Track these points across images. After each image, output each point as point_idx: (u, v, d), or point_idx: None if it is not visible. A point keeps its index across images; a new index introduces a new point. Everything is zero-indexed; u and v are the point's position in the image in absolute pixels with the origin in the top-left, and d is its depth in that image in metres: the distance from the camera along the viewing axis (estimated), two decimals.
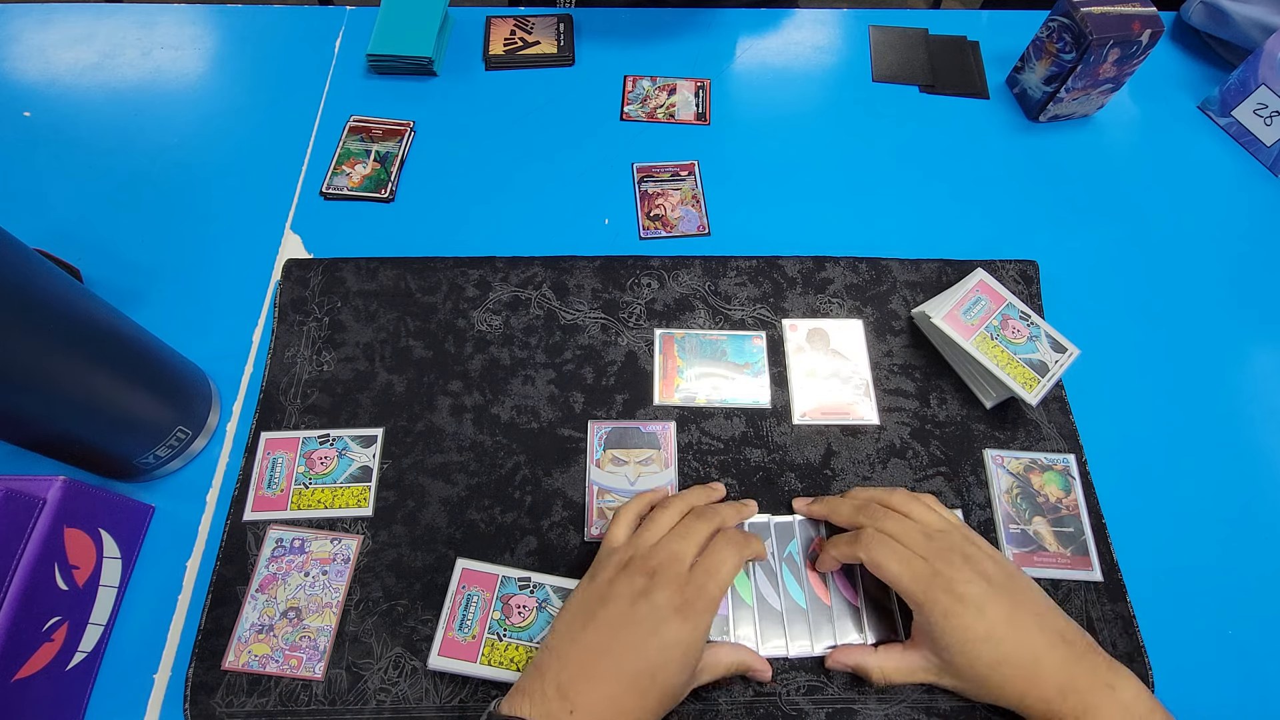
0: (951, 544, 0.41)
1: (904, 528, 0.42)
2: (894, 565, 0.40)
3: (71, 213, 0.61)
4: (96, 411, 0.41)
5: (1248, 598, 0.48)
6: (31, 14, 0.73)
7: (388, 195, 0.62)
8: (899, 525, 0.42)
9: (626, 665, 0.37)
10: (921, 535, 0.42)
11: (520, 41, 0.72)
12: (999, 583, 0.40)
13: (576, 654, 0.37)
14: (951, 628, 0.39)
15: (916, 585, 0.40)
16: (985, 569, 0.40)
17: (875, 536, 0.42)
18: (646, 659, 0.37)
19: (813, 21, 0.76)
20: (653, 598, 0.38)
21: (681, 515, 0.44)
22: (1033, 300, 0.58)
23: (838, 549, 0.44)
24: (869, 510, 0.44)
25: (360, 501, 0.48)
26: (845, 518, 0.45)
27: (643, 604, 0.38)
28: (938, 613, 0.39)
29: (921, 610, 0.40)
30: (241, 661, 0.43)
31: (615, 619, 0.38)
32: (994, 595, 0.39)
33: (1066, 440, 0.52)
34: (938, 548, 0.41)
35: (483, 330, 0.55)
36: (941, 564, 0.40)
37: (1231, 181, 0.66)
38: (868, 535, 0.42)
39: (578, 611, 0.40)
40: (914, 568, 0.40)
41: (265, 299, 0.57)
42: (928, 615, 0.39)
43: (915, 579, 0.40)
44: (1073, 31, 0.62)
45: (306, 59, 0.71)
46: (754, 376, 0.54)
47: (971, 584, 0.39)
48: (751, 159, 0.66)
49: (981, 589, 0.39)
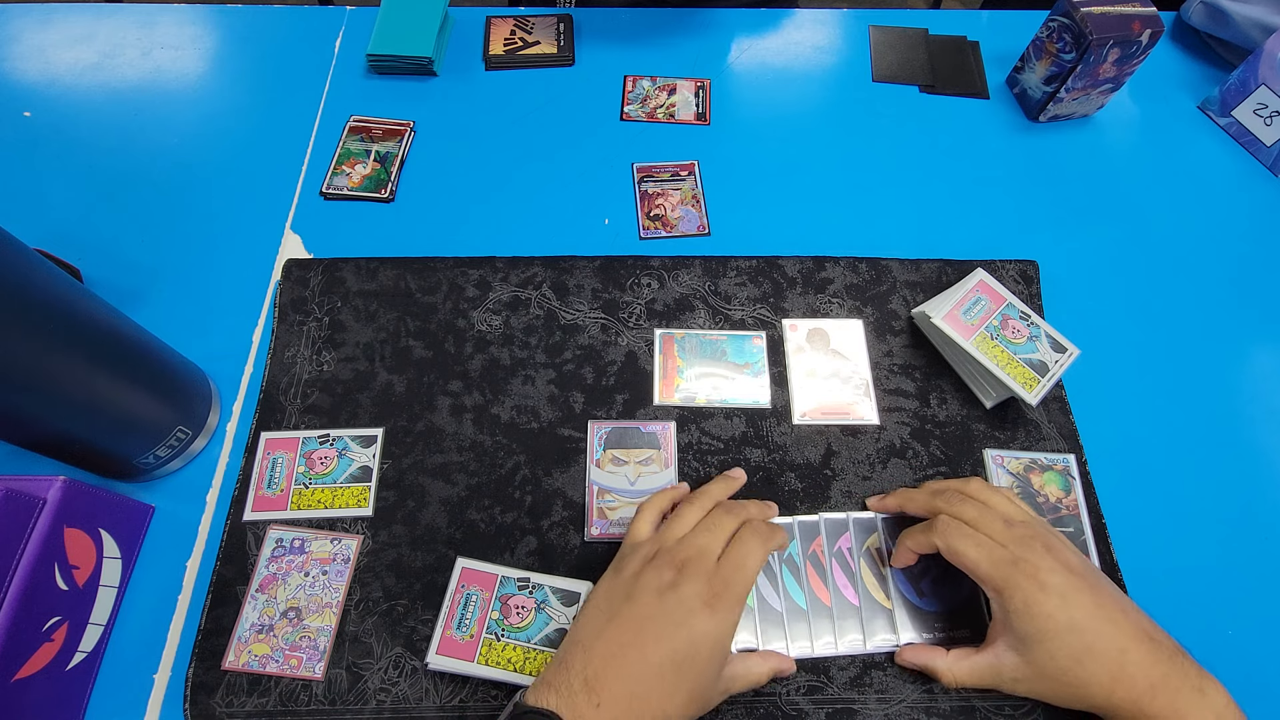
0: (1033, 533, 0.40)
1: (982, 514, 0.41)
2: (971, 550, 0.39)
3: (71, 213, 0.61)
4: (96, 411, 0.41)
5: (1248, 598, 0.48)
6: (31, 14, 0.73)
7: (388, 195, 0.62)
8: (977, 511, 0.41)
9: (653, 658, 0.36)
10: (1001, 523, 0.41)
11: (520, 41, 0.72)
12: (1082, 573, 0.39)
13: (602, 647, 0.37)
14: (1034, 616, 0.37)
15: (996, 571, 0.39)
16: (1068, 559, 0.39)
17: (951, 523, 0.41)
18: (674, 652, 0.36)
19: (813, 21, 0.76)
20: (680, 590, 0.38)
21: (706, 510, 0.43)
22: (1033, 300, 0.58)
23: (912, 539, 0.43)
24: (945, 496, 0.43)
25: (360, 501, 0.48)
26: (921, 505, 0.44)
27: (670, 596, 0.38)
28: (1019, 600, 0.38)
29: (1001, 596, 0.39)
30: (241, 661, 0.43)
31: (642, 612, 0.38)
32: (1078, 584, 0.38)
33: (1066, 440, 0.52)
34: (1018, 535, 0.40)
35: (483, 330, 0.55)
36: (1022, 551, 0.39)
37: (1231, 181, 0.66)
38: (943, 522, 0.41)
39: (603, 605, 0.39)
40: (993, 553, 0.39)
41: (265, 299, 0.57)
42: (1008, 602, 0.38)
43: (995, 564, 0.39)
44: (1073, 31, 0.62)
45: (306, 59, 0.71)
46: (754, 376, 0.54)
47: (1055, 572, 0.38)
48: (751, 159, 0.66)
49: (1065, 578, 0.38)
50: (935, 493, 0.44)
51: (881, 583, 0.46)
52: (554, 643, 0.43)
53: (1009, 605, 0.38)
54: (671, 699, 0.36)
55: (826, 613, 0.45)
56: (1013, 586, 0.38)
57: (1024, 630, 0.38)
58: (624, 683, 0.36)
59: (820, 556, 0.47)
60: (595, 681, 0.35)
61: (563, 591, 0.45)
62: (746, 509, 0.44)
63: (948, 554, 0.40)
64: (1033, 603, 0.38)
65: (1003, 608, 0.39)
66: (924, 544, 0.42)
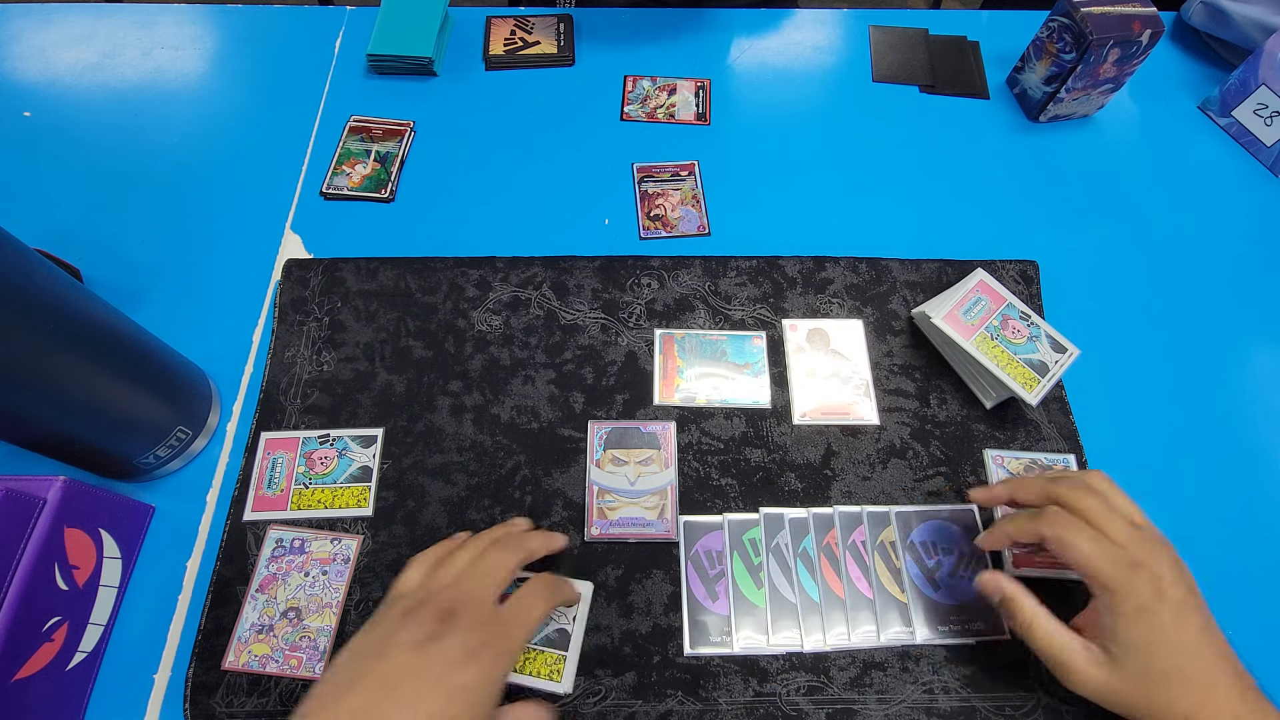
0: (1159, 539, 0.38)
1: (1105, 511, 0.38)
2: (1086, 544, 0.37)
3: (71, 213, 0.61)
4: (96, 411, 0.41)
5: (1248, 598, 0.48)
6: (31, 14, 0.73)
7: (388, 195, 0.62)
8: (1100, 506, 0.38)
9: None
10: (1125, 523, 0.38)
11: (520, 41, 0.72)
12: (1198, 594, 0.37)
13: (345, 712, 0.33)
14: (1143, 624, 0.35)
15: (1113, 569, 0.36)
16: (1189, 576, 0.37)
17: (1063, 514, 0.38)
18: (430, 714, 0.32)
19: (813, 21, 0.76)
20: (444, 642, 0.34)
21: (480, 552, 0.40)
22: (1033, 300, 0.58)
23: (1015, 525, 0.40)
24: (1066, 485, 0.40)
25: (360, 501, 0.48)
26: (1035, 491, 0.41)
27: (431, 649, 0.34)
28: (1131, 604, 0.36)
29: (1114, 597, 0.36)
30: (241, 661, 0.43)
31: (396, 669, 0.34)
32: (1194, 605, 0.36)
33: (1066, 440, 0.52)
34: (1142, 539, 0.37)
35: (483, 330, 0.55)
36: (1146, 556, 0.37)
37: (1231, 181, 0.66)
38: (1054, 512, 0.39)
39: (350, 663, 0.35)
40: (1111, 552, 0.37)
41: (265, 299, 0.57)
42: (1119, 604, 0.36)
43: (1112, 562, 0.36)
44: (1073, 31, 0.62)
45: (306, 59, 0.71)
46: (754, 376, 0.54)
47: (1176, 586, 0.36)
48: (751, 159, 0.66)
49: (1184, 594, 0.36)
50: (1053, 479, 0.41)
51: (895, 576, 0.46)
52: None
53: (1120, 607, 0.36)
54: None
55: (840, 605, 0.45)
56: (1129, 590, 0.36)
57: (1128, 636, 0.36)
58: None
59: (834, 549, 0.47)
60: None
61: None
62: (527, 545, 0.41)
63: (1056, 545, 0.38)
64: (1146, 610, 0.36)
65: (1111, 609, 0.36)
66: (1029, 532, 0.39)
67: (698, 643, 0.44)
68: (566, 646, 0.43)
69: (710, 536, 0.48)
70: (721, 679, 0.44)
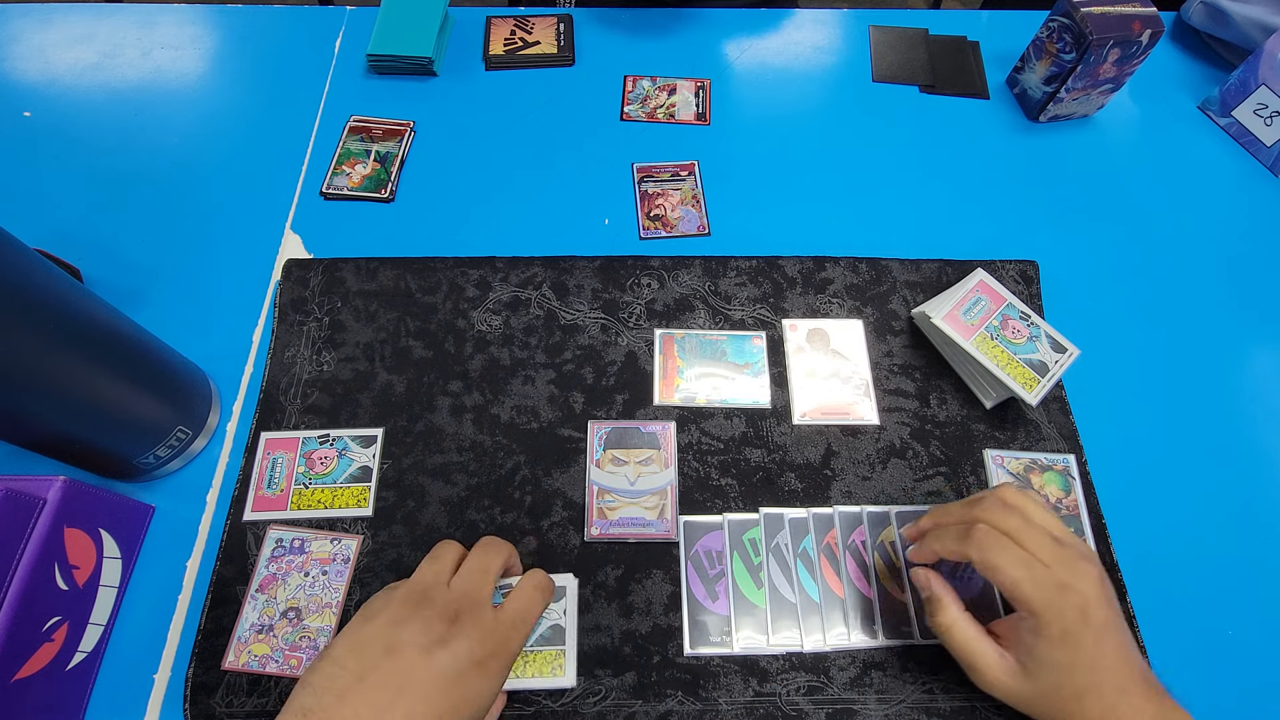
0: (1083, 554, 0.38)
1: (1027, 528, 0.38)
2: (1012, 569, 0.36)
3: (71, 213, 0.61)
4: (97, 411, 0.41)
5: (1247, 597, 0.48)
6: (31, 14, 0.73)
7: (388, 195, 0.62)
8: (1021, 523, 0.38)
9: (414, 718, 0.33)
10: (1049, 540, 0.38)
11: (520, 41, 0.72)
12: (1117, 608, 0.37)
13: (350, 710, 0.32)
14: (1066, 646, 0.35)
15: (1040, 594, 0.36)
16: (1110, 591, 0.37)
17: (990, 534, 0.38)
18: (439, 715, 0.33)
19: (813, 21, 0.76)
20: (452, 647, 0.34)
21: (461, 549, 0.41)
22: (1033, 300, 0.58)
23: (942, 543, 0.40)
24: (984, 505, 0.40)
25: (360, 501, 0.48)
26: (957, 515, 0.41)
27: (440, 654, 0.34)
28: (1057, 629, 0.35)
29: (1039, 620, 0.36)
30: (241, 661, 0.43)
31: (405, 669, 0.33)
32: (1115, 622, 0.36)
33: (1066, 440, 0.52)
34: (1067, 557, 0.37)
35: (483, 330, 0.55)
36: (1071, 577, 0.36)
37: (1231, 181, 0.66)
38: (982, 533, 0.38)
39: (351, 661, 0.34)
40: (1036, 574, 0.36)
41: (265, 299, 0.57)
42: (1045, 628, 0.36)
43: (1039, 587, 0.36)
44: (1073, 31, 0.62)
45: (306, 59, 0.71)
46: (754, 376, 0.54)
47: (1100, 607, 0.36)
48: (751, 159, 0.66)
49: (1106, 614, 0.36)
50: (972, 503, 0.41)
51: (896, 576, 0.46)
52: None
53: (1044, 630, 0.36)
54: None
55: (840, 605, 0.45)
56: (1055, 613, 0.36)
57: (1046, 655, 0.36)
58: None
59: (834, 549, 0.47)
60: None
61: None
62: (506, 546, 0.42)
63: (982, 568, 0.37)
64: (1070, 634, 0.35)
65: (1035, 631, 0.36)
66: (955, 552, 0.39)
67: (698, 643, 0.45)
68: (564, 641, 0.43)
69: (710, 536, 0.48)
70: (721, 679, 0.44)
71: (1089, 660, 0.36)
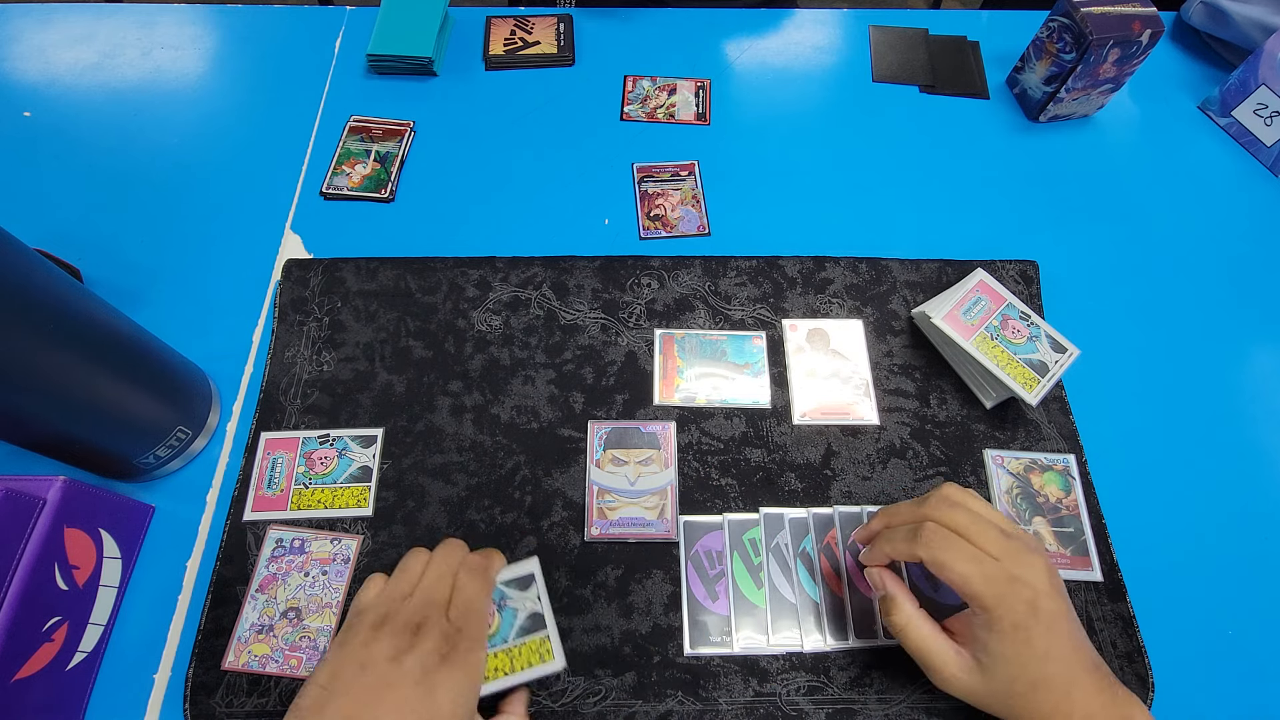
0: (1030, 546, 0.38)
1: (974, 522, 0.38)
2: (962, 564, 0.36)
3: (71, 213, 0.61)
4: (96, 411, 0.41)
5: (1248, 598, 0.48)
6: (31, 14, 0.73)
7: (388, 195, 0.62)
8: (969, 519, 0.38)
9: None
10: (997, 533, 0.38)
11: (520, 41, 0.72)
12: (1065, 597, 0.38)
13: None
14: (1018, 640, 0.36)
15: (990, 589, 0.36)
16: (1059, 582, 0.38)
17: (939, 532, 0.38)
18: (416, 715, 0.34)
19: (813, 21, 0.76)
20: (418, 651, 0.36)
21: (428, 558, 0.42)
22: (1033, 300, 0.58)
23: (892, 544, 0.40)
24: (931, 502, 0.40)
25: (360, 501, 0.48)
26: (905, 515, 0.41)
27: (408, 659, 0.36)
28: (1008, 623, 0.36)
29: (990, 614, 0.36)
30: (241, 661, 0.43)
31: (377, 680, 0.35)
32: (1064, 612, 0.37)
33: (1066, 440, 0.52)
34: (1016, 549, 0.37)
35: (483, 330, 0.55)
36: (1020, 569, 0.37)
37: (1231, 181, 0.66)
38: (930, 531, 0.38)
39: (328, 681, 0.35)
40: (986, 569, 0.36)
41: (265, 299, 0.57)
42: (996, 622, 0.36)
43: (989, 582, 0.36)
44: (1073, 31, 0.62)
45: (306, 59, 0.71)
46: (754, 376, 0.54)
47: (1050, 598, 0.36)
48: (751, 159, 0.66)
49: (1055, 604, 0.36)
50: (920, 502, 0.41)
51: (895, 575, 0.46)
52: None
53: (996, 625, 0.36)
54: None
55: (839, 605, 0.45)
56: (1005, 607, 0.36)
57: (999, 649, 0.36)
58: None
59: (834, 549, 0.47)
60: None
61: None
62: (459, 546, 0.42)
63: (932, 565, 0.37)
64: (1022, 626, 0.36)
65: (987, 625, 0.36)
66: (904, 552, 0.39)
67: (698, 643, 0.45)
68: (544, 626, 0.43)
69: (710, 536, 0.48)
70: (721, 679, 0.44)
71: (1041, 652, 0.36)
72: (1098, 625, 0.46)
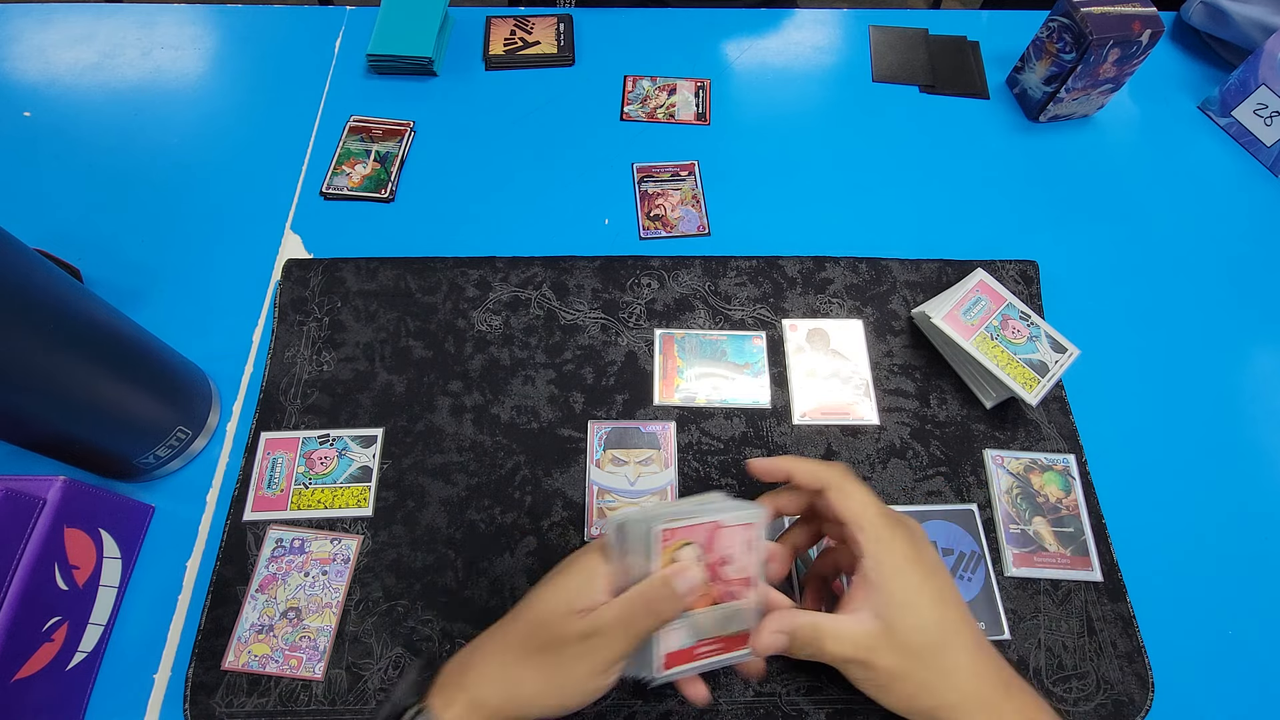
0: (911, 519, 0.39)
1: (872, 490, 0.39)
2: (861, 495, 0.37)
3: (71, 213, 0.61)
4: (96, 411, 0.41)
5: (1248, 598, 0.48)
6: (31, 14, 0.73)
7: (388, 195, 0.62)
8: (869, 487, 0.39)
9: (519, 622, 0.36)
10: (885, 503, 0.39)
11: (520, 41, 0.72)
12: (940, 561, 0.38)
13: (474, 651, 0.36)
14: (907, 578, 0.35)
15: (882, 521, 0.36)
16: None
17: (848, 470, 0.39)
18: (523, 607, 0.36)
19: (813, 21, 0.76)
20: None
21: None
22: (1033, 300, 0.58)
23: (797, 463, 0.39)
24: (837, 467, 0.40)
25: (360, 501, 0.48)
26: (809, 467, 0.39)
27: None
28: (898, 555, 0.35)
29: (880, 546, 0.35)
30: (241, 661, 0.43)
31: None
32: (947, 575, 0.37)
33: (1066, 440, 0.52)
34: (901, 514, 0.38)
35: (483, 330, 0.55)
36: (904, 519, 0.38)
37: (1231, 181, 0.66)
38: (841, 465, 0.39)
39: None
40: (881, 508, 0.37)
41: (265, 299, 0.57)
42: (885, 555, 0.35)
43: (881, 516, 0.36)
44: (1073, 31, 0.62)
45: (306, 59, 0.71)
46: (754, 376, 0.54)
47: (928, 547, 0.37)
48: (751, 159, 0.66)
49: (934, 555, 0.37)
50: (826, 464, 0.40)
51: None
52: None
53: (888, 559, 0.35)
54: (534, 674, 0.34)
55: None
56: (893, 536, 0.36)
57: (892, 589, 0.35)
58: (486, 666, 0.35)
59: None
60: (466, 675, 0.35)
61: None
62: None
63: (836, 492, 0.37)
64: (912, 562, 0.35)
65: (879, 564, 0.35)
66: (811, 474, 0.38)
67: None
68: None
69: None
70: (721, 679, 0.44)
71: (934, 596, 0.35)
72: (1098, 625, 0.46)
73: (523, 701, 0.34)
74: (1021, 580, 0.47)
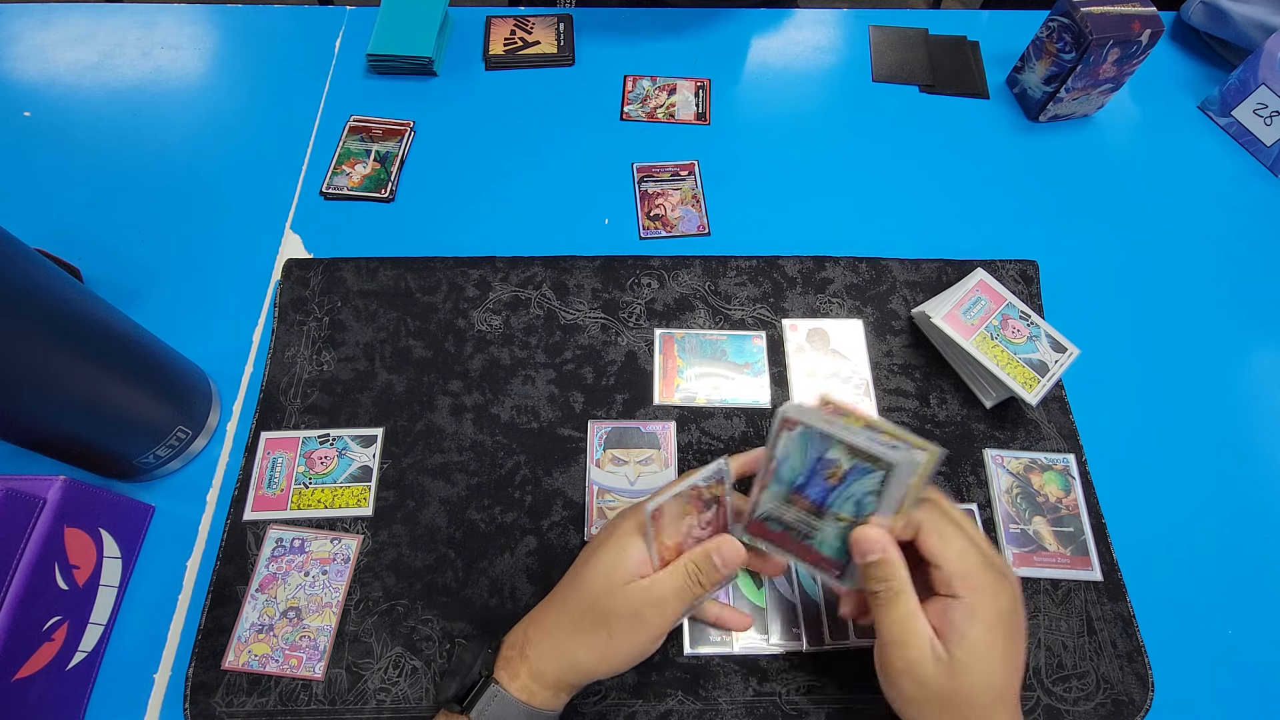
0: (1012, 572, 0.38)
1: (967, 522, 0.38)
2: (961, 541, 0.36)
3: (71, 213, 0.61)
4: (96, 411, 0.41)
5: (1247, 598, 0.48)
6: (31, 14, 0.73)
7: (388, 195, 0.62)
8: (962, 517, 0.38)
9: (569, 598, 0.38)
10: (985, 539, 0.37)
11: (520, 41, 0.72)
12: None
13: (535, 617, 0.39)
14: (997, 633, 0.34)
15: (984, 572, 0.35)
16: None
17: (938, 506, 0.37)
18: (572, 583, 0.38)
19: (813, 21, 0.76)
20: None
21: None
22: (1033, 300, 0.58)
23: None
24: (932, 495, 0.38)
25: (360, 501, 0.48)
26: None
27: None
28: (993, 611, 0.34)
29: (978, 597, 0.35)
30: (241, 661, 0.43)
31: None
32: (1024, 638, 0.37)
33: (1066, 440, 0.52)
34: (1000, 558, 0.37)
35: (483, 330, 0.55)
36: (1007, 570, 0.37)
37: (1231, 181, 0.66)
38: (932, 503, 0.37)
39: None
40: (984, 552, 0.36)
41: (265, 299, 0.57)
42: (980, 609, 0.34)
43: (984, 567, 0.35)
44: (1073, 31, 0.62)
45: (306, 59, 0.71)
46: (754, 376, 0.54)
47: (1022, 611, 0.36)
48: (751, 159, 0.66)
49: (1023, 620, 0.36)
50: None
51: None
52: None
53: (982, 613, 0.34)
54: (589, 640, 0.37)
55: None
56: (992, 595, 0.35)
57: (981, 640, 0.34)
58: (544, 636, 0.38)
59: None
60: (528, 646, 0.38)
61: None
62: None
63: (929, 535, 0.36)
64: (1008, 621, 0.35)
65: (968, 612, 0.34)
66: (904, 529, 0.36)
67: (698, 642, 0.44)
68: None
69: None
70: (721, 678, 0.44)
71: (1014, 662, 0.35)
72: (1098, 625, 0.46)
73: (579, 669, 0.37)
74: (1021, 580, 0.47)
